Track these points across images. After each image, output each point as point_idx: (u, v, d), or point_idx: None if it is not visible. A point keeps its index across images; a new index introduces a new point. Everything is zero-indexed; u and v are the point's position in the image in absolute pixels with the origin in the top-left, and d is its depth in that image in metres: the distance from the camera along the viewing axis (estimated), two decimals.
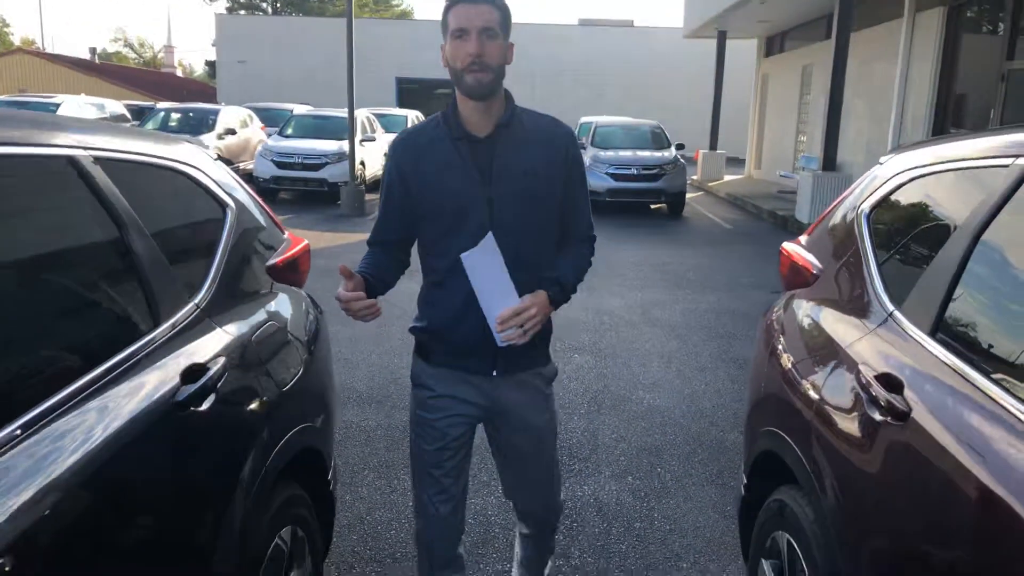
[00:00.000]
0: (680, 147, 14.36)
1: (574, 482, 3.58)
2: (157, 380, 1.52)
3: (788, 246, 2.45)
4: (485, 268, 1.80)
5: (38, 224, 1.48)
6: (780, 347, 2.20)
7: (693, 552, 3.02)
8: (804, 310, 2.18)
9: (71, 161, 1.54)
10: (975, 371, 1.36)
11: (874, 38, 13.23)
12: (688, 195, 14.51)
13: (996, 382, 1.31)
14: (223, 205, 2.18)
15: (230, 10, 59.26)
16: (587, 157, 13.64)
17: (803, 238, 2.45)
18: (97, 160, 1.61)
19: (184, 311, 1.75)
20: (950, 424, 1.34)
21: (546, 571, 2.38)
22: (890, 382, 1.51)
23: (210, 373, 1.64)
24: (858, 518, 1.55)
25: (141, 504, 1.43)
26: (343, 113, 13.82)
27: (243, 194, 2.35)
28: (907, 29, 11.85)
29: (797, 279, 2.33)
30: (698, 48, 25.53)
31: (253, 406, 1.86)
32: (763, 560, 2.12)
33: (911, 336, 1.57)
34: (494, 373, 1.97)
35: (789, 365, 2.08)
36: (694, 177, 19.67)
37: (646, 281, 8.12)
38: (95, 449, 1.30)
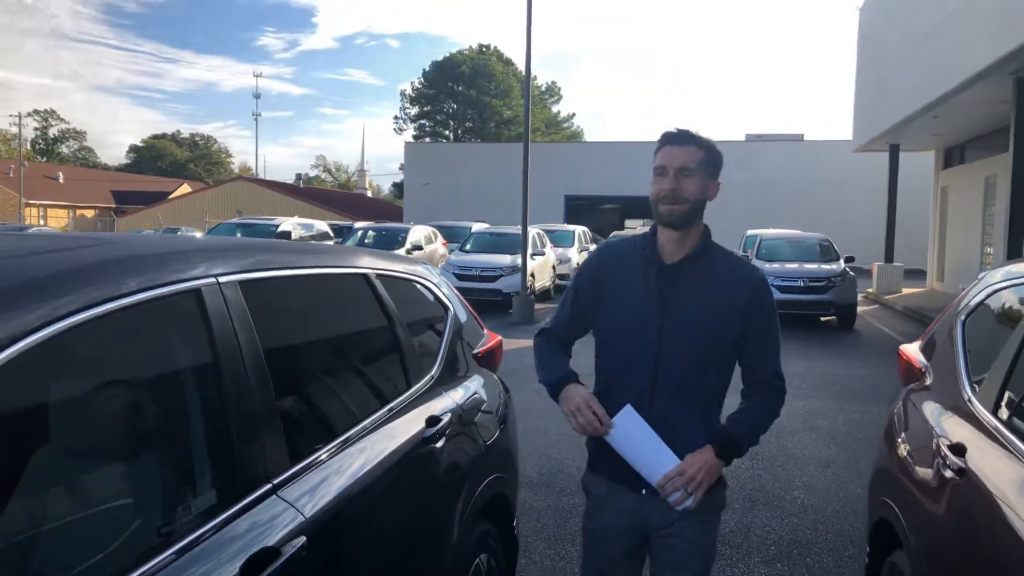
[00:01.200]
0: (850, 259, 14.26)
1: (724, 564, 3.92)
2: (413, 421, 2.24)
3: (904, 348, 2.85)
4: (631, 436, 1.83)
5: (346, 317, 2.29)
6: (892, 429, 2.59)
7: None
8: (911, 400, 2.57)
9: (365, 278, 2.36)
10: (1017, 438, 1.77)
11: None
12: (861, 308, 14.24)
13: None
14: (445, 307, 2.96)
15: (416, 138, 65.61)
16: None
17: (919, 341, 2.85)
18: (378, 276, 2.43)
19: (424, 379, 2.49)
20: (996, 477, 1.74)
21: None
22: (958, 449, 1.92)
23: (443, 422, 2.35)
24: (938, 564, 1.93)
25: (394, 507, 2.11)
26: (516, 230, 15.13)
27: (456, 299, 3.13)
28: None
29: (911, 375, 2.73)
30: (871, 160, 25.16)
31: (467, 451, 2.54)
32: None
33: (977, 414, 1.98)
34: (643, 491, 1.96)
35: (895, 443, 2.47)
36: (869, 290, 19.09)
37: (809, 391, 8.21)
38: (379, 463, 2.00)
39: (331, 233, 20.73)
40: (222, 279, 1.61)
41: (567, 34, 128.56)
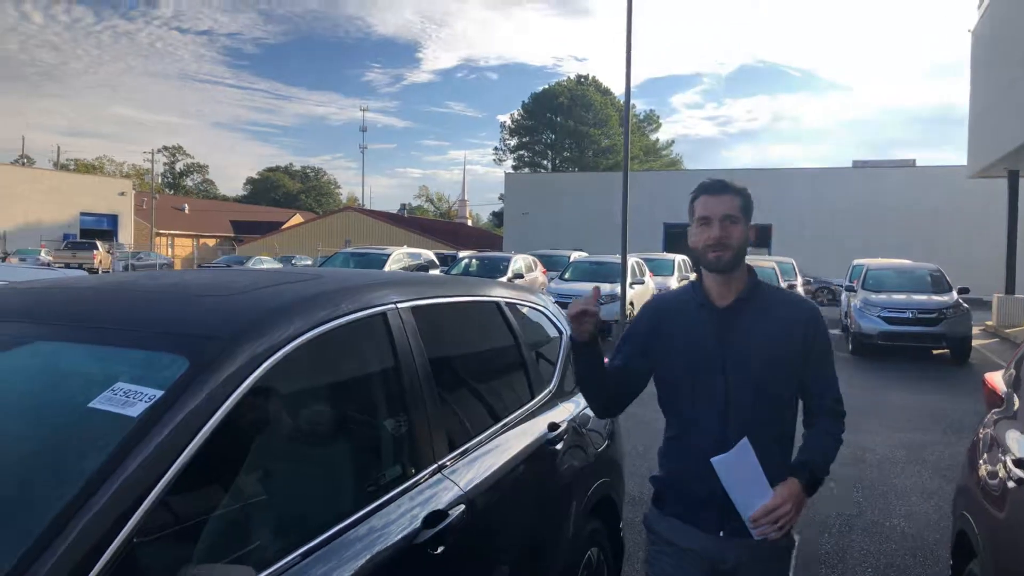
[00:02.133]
0: (964, 291, 13.76)
1: None
2: (536, 426, 2.66)
3: (988, 375, 3.06)
4: (739, 469, 1.85)
5: (484, 336, 2.75)
6: (974, 451, 2.80)
7: None
8: (990, 420, 2.78)
9: (497, 306, 2.81)
10: None
11: None
12: (979, 342, 13.73)
13: None
14: (560, 330, 3.38)
15: (516, 168, 66.93)
16: (857, 300, 13.66)
17: (1003, 370, 3.05)
18: (507, 304, 2.88)
19: (544, 392, 2.91)
20: None
21: None
22: (1021, 463, 2.17)
23: (561, 428, 2.76)
24: (1000, 567, 2.17)
25: (524, 493, 2.52)
26: (615, 258, 15.44)
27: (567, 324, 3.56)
28: None
29: (994, 400, 2.93)
30: (988, 186, 24.05)
31: (580, 455, 2.93)
32: None
33: None
34: (720, 533, 1.97)
35: (976, 463, 2.69)
36: (988, 323, 18.24)
37: (917, 424, 8.11)
38: (513, 456, 2.43)
39: (436, 261, 21.63)
40: (400, 305, 2.09)
41: (666, 60, 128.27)
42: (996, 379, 2.97)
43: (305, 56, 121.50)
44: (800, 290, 18.57)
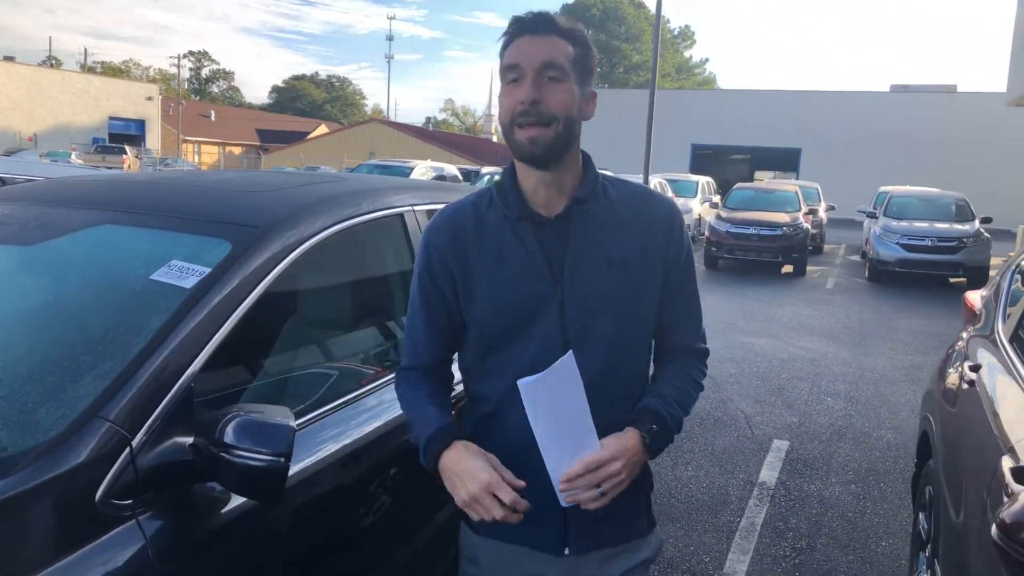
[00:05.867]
0: (986, 220, 13.71)
1: (802, 481, 4.44)
2: None
3: (968, 294, 3.26)
4: (556, 400, 1.24)
5: None
6: (945, 361, 3.03)
7: (888, 536, 3.76)
8: (963, 337, 3.00)
9: None
10: (1020, 361, 2.23)
11: None
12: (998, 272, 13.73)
13: None
14: None
15: None
16: (877, 227, 13.67)
17: (984, 289, 3.23)
18: None
19: None
20: (994, 388, 2.22)
21: None
22: (975, 367, 2.40)
23: None
24: (949, 457, 2.43)
25: None
26: (637, 178, 15.45)
27: None
28: None
29: (970, 317, 3.14)
30: None
31: None
32: (920, 513, 2.94)
33: (998, 341, 2.43)
34: (566, 551, 1.42)
35: (945, 371, 2.92)
36: (1011, 253, 18.10)
37: (919, 347, 8.33)
38: None
39: (460, 177, 21.69)
40: (416, 207, 2.32)
41: None
42: (975, 298, 3.17)
43: None
44: (823, 216, 18.47)
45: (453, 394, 1.57)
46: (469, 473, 1.28)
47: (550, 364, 1.24)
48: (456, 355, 1.53)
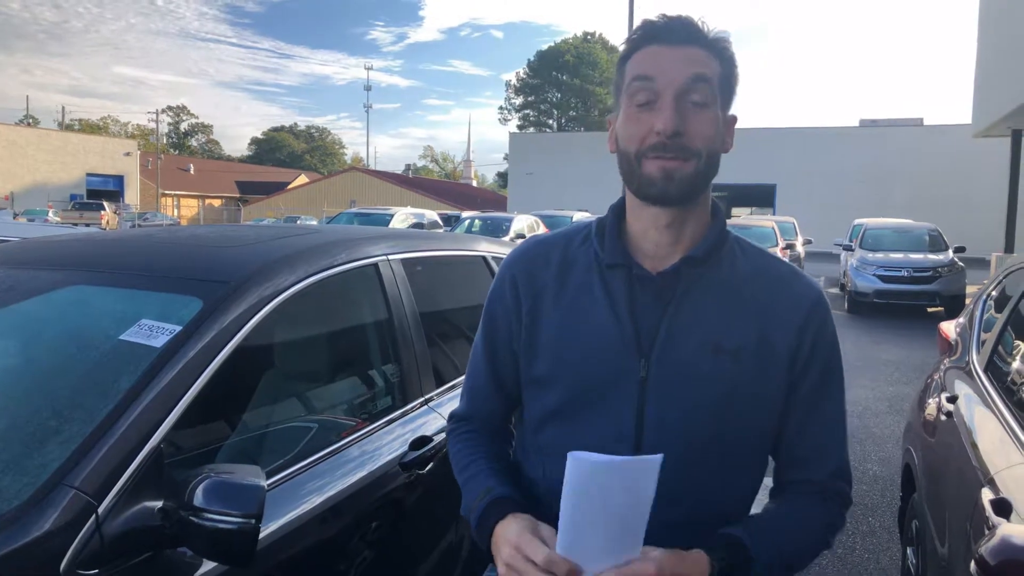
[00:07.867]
0: (959, 250, 13.96)
1: None
2: None
3: (942, 325, 3.30)
4: (610, 496, 0.95)
5: (469, 287, 2.99)
6: (924, 392, 3.05)
7: (879, 572, 3.72)
8: (940, 368, 3.03)
9: (483, 259, 3.03)
10: (995, 392, 2.25)
11: None
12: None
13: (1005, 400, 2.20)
14: None
15: (521, 127, 66.59)
16: (854, 259, 13.86)
17: (958, 319, 3.28)
18: (493, 259, 3.10)
19: None
20: (971, 419, 2.23)
21: None
22: (952, 399, 2.41)
23: None
24: (931, 490, 2.43)
25: None
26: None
27: None
28: None
29: (946, 348, 3.17)
30: (996, 145, 23.98)
31: None
32: (907, 548, 2.93)
33: (973, 372, 2.45)
34: None
35: (924, 403, 2.94)
36: (985, 281, 18.39)
37: (901, 378, 8.37)
38: None
39: (440, 222, 21.79)
40: (390, 257, 2.32)
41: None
42: (949, 328, 3.21)
43: (307, 13, 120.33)
44: (801, 251, 18.71)
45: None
46: (504, 537, 1.05)
47: (614, 441, 1.05)
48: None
